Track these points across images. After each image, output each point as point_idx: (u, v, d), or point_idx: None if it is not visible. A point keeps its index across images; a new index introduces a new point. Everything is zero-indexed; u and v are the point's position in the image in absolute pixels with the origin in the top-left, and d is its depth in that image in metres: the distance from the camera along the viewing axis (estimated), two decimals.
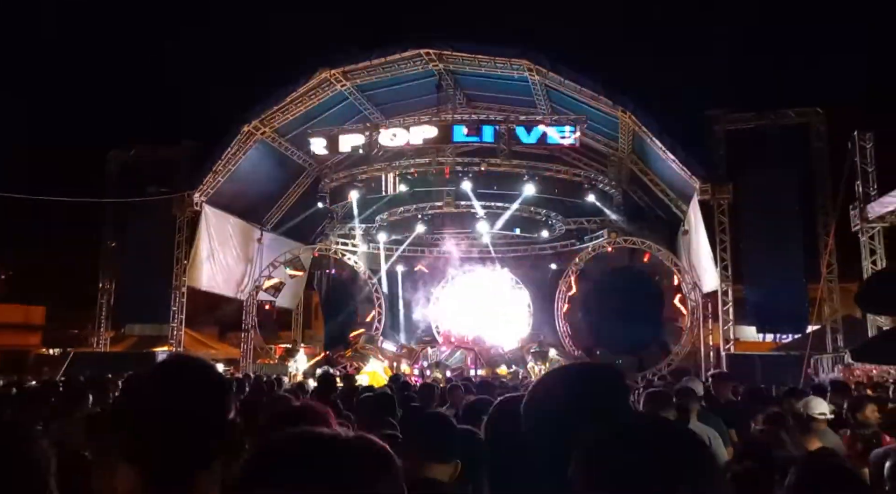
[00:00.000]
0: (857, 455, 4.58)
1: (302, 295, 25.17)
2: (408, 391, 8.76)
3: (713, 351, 18.53)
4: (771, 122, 18.48)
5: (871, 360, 14.60)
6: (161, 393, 1.60)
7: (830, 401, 6.65)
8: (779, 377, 14.06)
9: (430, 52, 18.96)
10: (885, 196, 15.55)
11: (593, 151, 21.90)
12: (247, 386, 9.56)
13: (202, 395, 1.59)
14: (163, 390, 1.61)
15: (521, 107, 20.76)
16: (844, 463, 2.90)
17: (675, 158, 17.88)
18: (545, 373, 1.78)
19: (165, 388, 1.61)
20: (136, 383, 1.89)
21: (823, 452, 4.14)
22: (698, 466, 1.14)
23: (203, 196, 20.08)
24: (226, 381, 1.76)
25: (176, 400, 1.55)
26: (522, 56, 18.37)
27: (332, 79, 19.66)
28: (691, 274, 19.25)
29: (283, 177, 23.04)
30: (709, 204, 18.03)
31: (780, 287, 17.73)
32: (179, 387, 1.59)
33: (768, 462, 3.59)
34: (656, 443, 1.15)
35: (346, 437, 1.00)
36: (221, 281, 21.08)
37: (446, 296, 23.80)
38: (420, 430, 2.74)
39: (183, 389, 1.58)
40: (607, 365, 1.54)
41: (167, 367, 1.72)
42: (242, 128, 19.91)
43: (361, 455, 0.98)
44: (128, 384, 2.70)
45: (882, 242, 16.54)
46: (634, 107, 18.18)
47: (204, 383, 1.63)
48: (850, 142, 16.49)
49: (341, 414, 4.44)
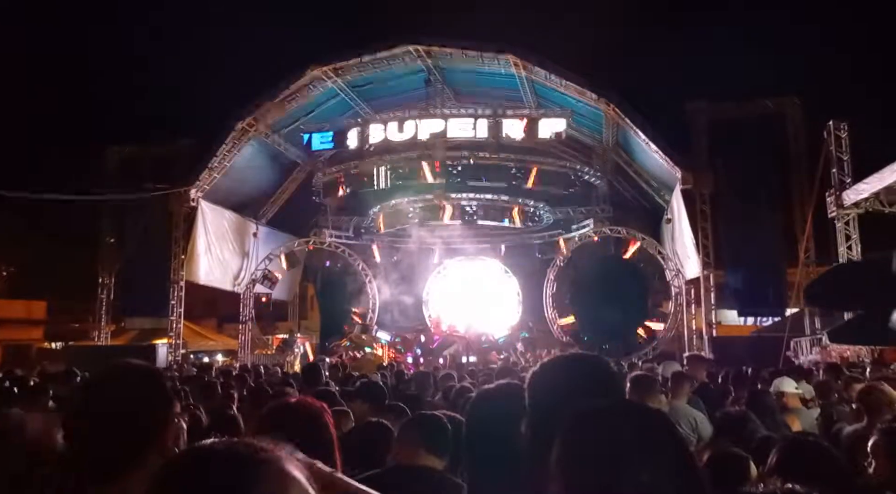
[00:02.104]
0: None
1: (297, 286, 25.69)
2: (402, 379, 9.21)
3: (696, 335, 19.15)
4: (749, 112, 18.94)
5: (847, 342, 15.20)
6: (88, 397, 1.68)
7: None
8: (759, 359, 14.58)
9: (419, 48, 19.36)
10: (859, 183, 15.86)
11: (579, 144, 22.38)
12: (250, 377, 9.95)
13: (131, 398, 1.61)
14: (91, 393, 1.69)
15: (508, 102, 21.20)
16: (821, 443, 2.87)
17: (657, 149, 18.32)
18: (547, 362, 1.77)
19: (94, 392, 1.69)
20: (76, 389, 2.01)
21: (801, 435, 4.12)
22: (666, 448, 1.16)
23: (199, 191, 20.47)
24: (161, 385, 1.76)
25: (101, 402, 1.61)
26: (508, 51, 18.77)
27: (324, 75, 20.06)
28: (675, 261, 19.83)
29: (277, 172, 23.49)
30: (691, 193, 18.50)
31: (759, 272, 18.27)
32: (108, 390, 1.65)
33: (745, 438, 3.65)
34: (627, 425, 1.18)
35: (236, 451, 0.93)
36: (218, 274, 21.53)
37: (438, 286, 24.37)
38: (420, 427, 2.96)
39: (112, 392, 1.63)
40: (599, 357, 1.49)
41: (100, 373, 1.76)
42: (237, 125, 20.28)
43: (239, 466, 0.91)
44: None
45: (857, 228, 16.93)
46: (618, 101, 18.63)
47: (136, 386, 1.66)
48: (826, 130, 16.90)
49: (336, 403, 4.54)
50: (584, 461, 1.15)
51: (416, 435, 2.89)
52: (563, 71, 18.72)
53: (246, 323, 21.78)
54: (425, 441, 2.84)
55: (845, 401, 6.06)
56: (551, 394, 1.56)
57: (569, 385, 1.58)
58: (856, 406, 4.88)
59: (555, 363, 1.75)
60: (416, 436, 2.88)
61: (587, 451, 1.16)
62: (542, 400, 1.60)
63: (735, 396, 6.61)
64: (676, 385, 5.74)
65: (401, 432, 3.02)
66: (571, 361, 1.75)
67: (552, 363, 1.75)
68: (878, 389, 4.56)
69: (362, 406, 4.81)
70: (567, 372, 1.66)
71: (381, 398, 5.02)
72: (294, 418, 2.09)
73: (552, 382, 1.63)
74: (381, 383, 6.84)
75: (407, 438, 2.91)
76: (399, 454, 2.89)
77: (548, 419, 1.38)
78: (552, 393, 1.56)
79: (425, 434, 2.88)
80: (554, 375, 1.65)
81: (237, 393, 6.79)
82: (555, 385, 1.60)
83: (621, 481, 1.10)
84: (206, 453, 0.95)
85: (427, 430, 2.91)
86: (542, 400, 1.60)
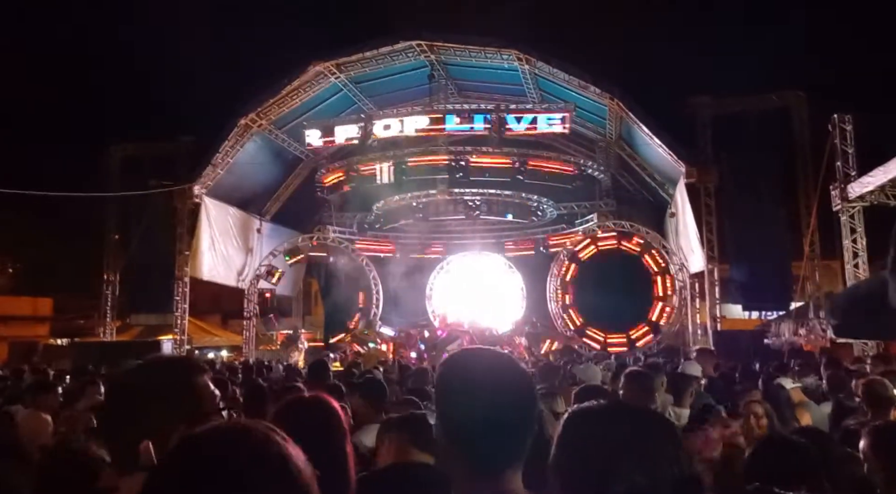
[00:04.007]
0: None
1: (301, 282, 25.73)
2: (406, 374, 9.22)
3: (700, 329, 19.13)
4: (754, 106, 18.89)
5: (852, 336, 15.19)
6: (115, 390, 1.69)
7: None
8: (762, 353, 14.57)
9: (422, 43, 19.33)
10: (864, 176, 15.80)
11: (582, 138, 22.35)
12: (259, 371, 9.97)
13: (157, 394, 1.60)
14: (117, 387, 1.72)
15: (511, 96, 21.19)
16: (798, 441, 2.83)
17: (661, 143, 18.28)
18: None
19: (121, 385, 1.71)
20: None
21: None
22: (662, 448, 1.18)
23: (203, 188, 20.52)
24: (192, 381, 1.71)
25: (126, 396, 1.64)
26: (512, 46, 18.74)
27: (326, 71, 20.07)
28: (679, 256, 19.80)
29: (280, 168, 23.51)
30: (695, 187, 18.44)
31: (764, 266, 18.21)
32: (135, 385, 1.66)
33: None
34: (622, 425, 1.20)
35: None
36: (223, 270, 21.58)
37: (441, 281, 24.41)
38: (408, 427, 3.00)
39: (139, 386, 1.65)
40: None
41: (131, 368, 1.78)
42: (239, 121, 20.32)
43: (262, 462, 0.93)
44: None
45: (862, 221, 16.88)
46: (622, 95, 18.59)
47: (162, 381, 1.65)
48: (831, 123, 16.84)
49: (343, 399, 4.59)
50: (579, 460, 1.17)
51: (405, 436, 2.94)
52: (566, 65, 18.68)
53: (250, 319, 21.85)
54: (414, 439, 2.89)
55: (855, 396, 5.95)
56: (460, 388, 1.50)
57: (476, 380, 1.49)
58: (859, 401, 4.89)
59: (463, 357, 1.65)
60: (405, 436, 2.93)
61: (583, 451, 1.17)
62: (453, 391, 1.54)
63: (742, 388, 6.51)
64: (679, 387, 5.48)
65: (389, 434, 3.04)
66: (478, 357, 1.60)
67: (462, 356, 1.65)
68: (879, 383, 4.55)
69: (360, 401, 4.81)
70: (475, 368, 1.55)
71: (382, 395, 4.97)
72: (308, 413, 2.14)
73: (462, 377, 1.54)
74: (386, 378, 6.88)
75: (397, 439, 2.95)
76: (391, 453, 2.92)
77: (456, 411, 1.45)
78: (461, 388, 1.50)
79: (414, 434, 2.92)
80: (466, 371, 1.55)
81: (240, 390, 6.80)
82: (463, 379, 1.52)
83: (616, 480, 1.12)
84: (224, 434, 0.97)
85: (414, 429, 2.94)
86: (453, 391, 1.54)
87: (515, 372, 1.52)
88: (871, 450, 2.77)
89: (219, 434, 0.99)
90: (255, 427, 1.01)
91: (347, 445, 2.09)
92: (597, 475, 1.14)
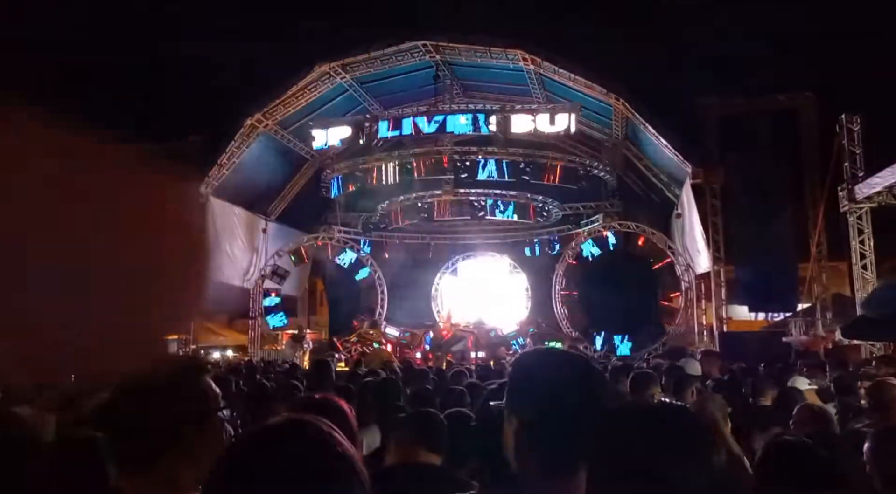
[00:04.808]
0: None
1: (307, 282, 25.73)
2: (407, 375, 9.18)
3: (706, 331, 19.05)
4: (761, 107, 18.80)
5: (860, 337, 15.10)
6: (121, 392, 1.65)
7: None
8: (768, 355, 14.50)
9: (427, 43, 19.34)
10: (871, 177, 15.77)
11: (588, 138, 22.27)
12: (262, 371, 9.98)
13: (162, 396, 1.61)
14: (124, 389, 1.66)
15: (516, 97, 21.15)
16: (808, 444, 2.78)
17: (667, 144, 18.21)
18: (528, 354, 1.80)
19: (127, 388, 1.66)
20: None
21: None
22: (699, 446, 1.19)
23: (208, 188, 20.57)
24: (198, 384, 1.73)
25: (131, 398, 1.62)
26: (517, 46, 18.72)
27: (332, 71, 20.09)
28: (685, 257, 19.72)
29: (286, 168, 23.54)
30: (701, 187, 18.39)
31: (770, 267, 18.10)
32: (141, 388, 1.64)
33: None
34: (663, 425, 1.22)
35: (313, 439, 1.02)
36: (228, 270, 21.61)
37: (446, 282, 24.39)
38: (418, 425, 2.99)
39: (145, 389, 1.63)
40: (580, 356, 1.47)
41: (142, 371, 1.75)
42: (245, 122, 20.38)
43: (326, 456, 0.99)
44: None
45: (869, 222, 16.83)
46: (628, 95, 18.55)
47: (168, 384, 1.65)
48: (839, 124, 16.76)
49: (351, 400, 4.72)
50: (620, 461, 1.19)
51: (414, 433, 2.90)
52: (572, 65, 18.63)
53: (255, 319, 21.87)
54: (424, 438, 2.86)
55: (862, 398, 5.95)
56: (535, 388, 1.55)
57: (551, 379, 1.54)
58: (865, 402, 4.85)
59: (535, 356, 1.75)
60: (414, 434, 2.89)
61: (623, 451, 1.19)
62: (525, 391, 1.59)
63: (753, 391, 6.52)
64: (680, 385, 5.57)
65: (398, 431, 3.02)
66: (551, 356, 1.69)
67: (534, 355, 1.76)
68: (887, 385, 4.51)
69: (367, 401, 4.74)
70: (549, 367, 1.61)
71: (395, 396, 4.95)
72: (318, 414, 2.10)
73: (536, 376, 1.59)
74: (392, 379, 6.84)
75: (405, 437, 2.91)
76: (398, 453, 2.88)
77: (532, 411, 1.50)
78: (536, 387, 1.55)
79: (423, 432, 2.89)
80: (540, 370, 1.61)
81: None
82: (538, 378, 1.57)
83: (656, 479, 1.14)
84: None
85: (424, 428, 2.92)
86: (525, 391, 1.59)
87: (590, 370, 1.60)
88: (872, 454, 2.77)
89: (292, 426, 1.07)
90: (317, 422, 1.09)
91: (356, 445, 2.08)
92: (635, 475, 1.16)
